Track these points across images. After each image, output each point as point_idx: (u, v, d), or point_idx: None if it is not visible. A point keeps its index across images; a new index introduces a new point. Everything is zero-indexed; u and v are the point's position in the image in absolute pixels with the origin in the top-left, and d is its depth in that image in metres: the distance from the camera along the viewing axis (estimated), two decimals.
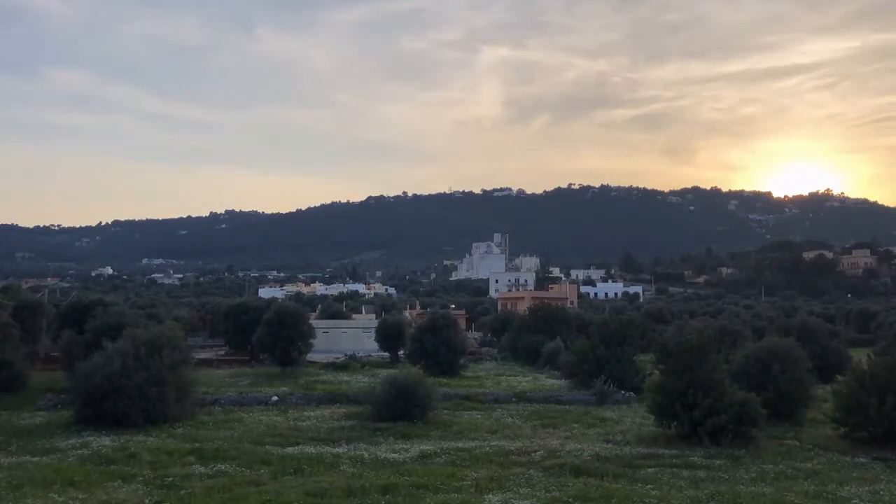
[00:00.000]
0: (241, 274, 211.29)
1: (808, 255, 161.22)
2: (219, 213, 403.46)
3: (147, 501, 11.31)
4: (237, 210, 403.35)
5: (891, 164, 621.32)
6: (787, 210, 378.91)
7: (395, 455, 15.19)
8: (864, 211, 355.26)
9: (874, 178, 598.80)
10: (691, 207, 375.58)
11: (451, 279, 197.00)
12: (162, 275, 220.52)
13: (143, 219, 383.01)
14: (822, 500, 12.10)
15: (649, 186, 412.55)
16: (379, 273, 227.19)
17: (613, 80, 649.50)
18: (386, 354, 43.71)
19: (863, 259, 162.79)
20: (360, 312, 79.06)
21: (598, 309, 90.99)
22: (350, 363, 39.06)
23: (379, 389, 20.54)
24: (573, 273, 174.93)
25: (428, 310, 59.95)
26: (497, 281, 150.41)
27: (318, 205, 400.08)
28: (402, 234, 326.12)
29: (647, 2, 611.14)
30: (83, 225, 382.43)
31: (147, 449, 15.26)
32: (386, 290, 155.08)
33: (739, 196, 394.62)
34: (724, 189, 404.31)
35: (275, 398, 24.05)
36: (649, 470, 14.13)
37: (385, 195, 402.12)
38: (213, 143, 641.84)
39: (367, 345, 47.64)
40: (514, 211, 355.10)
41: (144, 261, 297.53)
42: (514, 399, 25.43)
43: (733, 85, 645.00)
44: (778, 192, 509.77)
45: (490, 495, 11.76)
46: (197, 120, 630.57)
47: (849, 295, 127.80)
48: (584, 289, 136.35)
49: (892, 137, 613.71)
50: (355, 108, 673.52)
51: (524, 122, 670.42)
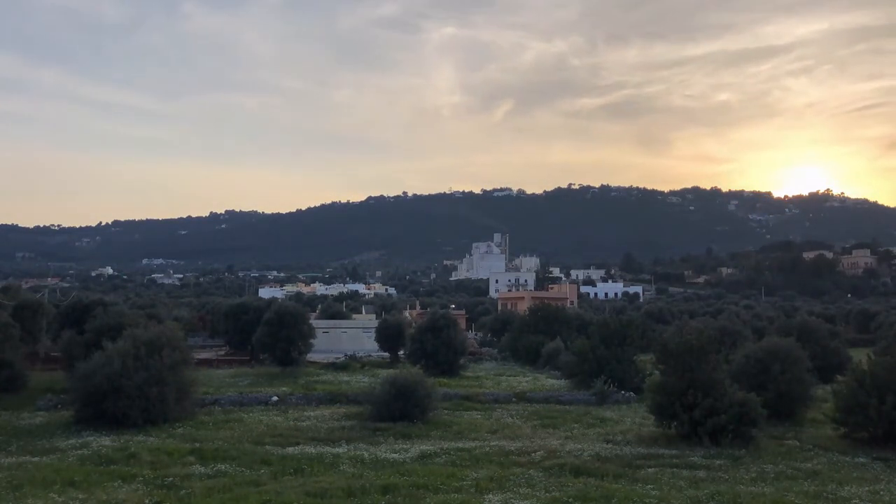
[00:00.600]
0: (241, 274, 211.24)
1: (808, 255, 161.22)
2: (219, 213, 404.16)
3: (147, 501, 11.31)
4: (237, 210, 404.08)
5: (877, 156, 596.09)
6: (787, 210, 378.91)
7: (395, 455, 15.19)
8: (864, 211, 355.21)
9: (860, 173, 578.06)
10: (691, 207, 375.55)
11: (451, 279, 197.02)
12: (162, 275, 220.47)
13: (143, 219, 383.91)
14: (823, 500, 12.10)
15: (648, 186, 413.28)
16: (379, 273, 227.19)
17: (573, 64, 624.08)
18: (386, 354, 43.70)
19: (863, 259, 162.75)
20: (360, 312, 79.09)
21: (598, 309, 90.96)
22: (350, 363, 39.05)
23: (379, 389, 20.54)
24: (573, 273, 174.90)
25: (428, 310, 59.90)
26: (497, 281, 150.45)
27: (318, 205, 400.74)
28: (402, 234, 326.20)
29: None
30: (83, 225, 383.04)
31: (147, 449, 15.26)
32: (386, 290, 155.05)
33: (739, 196, 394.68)
34: (725, 189, 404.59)
35: (275, 398, 24.05)
36: (649, 470, 14.13)
37: (385, 195, 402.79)
38: (154, 132, 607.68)
39: (367, 345, 47.63)
40: (514, 211, 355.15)
41: (144, 261, 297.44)
42: (514, 399, 25.43)
43: (703, 69, 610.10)
44: (778, 192, 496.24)
45: (490, 495, 11.76)
46: (130, 106, 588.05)
47: (849, 295, 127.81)
48: (584, 289, 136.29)
49: (877, 128, 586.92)
50: (305, 94, 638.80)
51: (487, 111, 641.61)
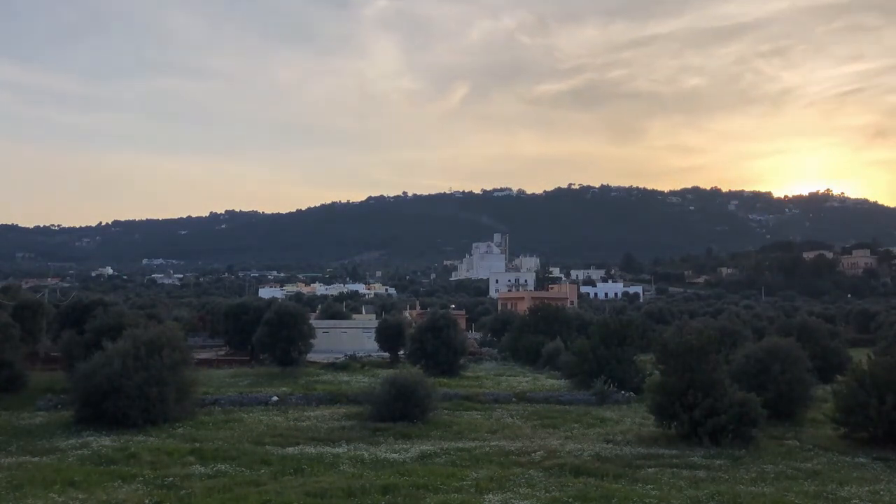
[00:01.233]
0: (241, 274, 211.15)
1: (808, 256, 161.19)
2: (219, 213, 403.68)
3: (147, 501, 11.30)
4: (237, 210, 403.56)
5: (860, 147, 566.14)
6: (787, 210, 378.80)
7: (395, 455, 15.20)
8: (864, 211, 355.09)
9: (844, 166, 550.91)
10: (691, 207, 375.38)
11: (451, 279, 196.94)
12: (162, 275, 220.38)
13: (143, 219, 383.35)
14: (823, 500, 12.10)
15: (649, 186, 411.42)
16: (379, 273, 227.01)
17: (524, 43, 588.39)
18: (386, 354, 43.71)
19: (863, 259, 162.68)
20: (360, 312, 79.11)
21: (598, 309, 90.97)
22: (350, 363, 39.05)
23: (379, 389, 20.55)
24: (573, 273, 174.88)
25: (428, 310, 59.92)
26: (497, 281, 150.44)
27: (318, 205, 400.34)
28: (402, 234, 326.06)
29: None
30: (83, 225, 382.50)
31: (147, 449, 15.26)
32: (386, 290, 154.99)
33: (739, 196, 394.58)
34: (725, 189, 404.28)
35: (275, 398, 24.05)
36: (649, 470, 14.14)
37: (385, 195, 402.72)
38: (88, 121, 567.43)
39: (367, 345, 47.64)
40: (514, 211, 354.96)
41: (144, 261, 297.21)
42: (514, 399, 25.43)
43: (667, 50, 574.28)
44: (778, 192, 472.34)
45: (490, 495, 11.76)
46: (48, 89, 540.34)
47: (849, 295, 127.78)
48: (584, 289, 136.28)
49: (861, 116, 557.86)
50: (246, 78, 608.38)
51: (441, 96, 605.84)
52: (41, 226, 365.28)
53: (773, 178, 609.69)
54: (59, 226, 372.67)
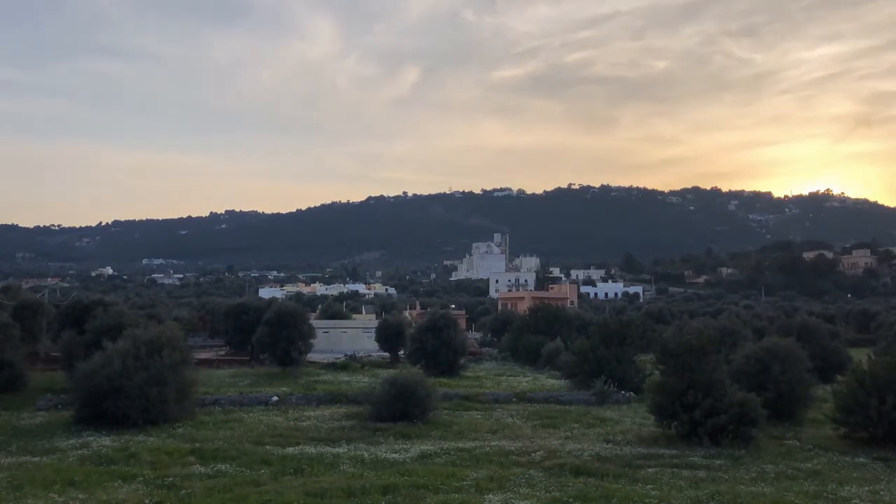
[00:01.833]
0: (241, 274, 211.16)
1: (808, 256, 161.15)
2: (219, 213, 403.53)
3: (147, 501, 11.30)
4: (237, 210, 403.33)
5: (840, 138, 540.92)
6: (787, 210, 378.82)
7: (395, 455, 15.19)
8: (864, 211, 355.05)
9: (823, 160, 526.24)
10: (691, 207, 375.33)
11: (451, 279, 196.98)
12: (162, 275, 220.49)
13: (143, 219, 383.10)
14: (823, 500, 12.10)
15: (649, 186, 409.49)
16: (379, 273, 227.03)
17: (470, 22, 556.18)
18: (386, 354, 43.71)
19: (863, 259, 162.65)
20: (361, 312, 79.18)
21: (599, 309, 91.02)
22: (350, 363, 39.04)
23: (379, 389, 20.54)
24: (573, 273, 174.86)
25: (428, 310, 59.90)
26: (497, 281, 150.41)
27: (318, 205, 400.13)
28: (402, 234, 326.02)
29: None
30: (83, 225, 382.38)
31: (147, 449, 15.26)
32: (386, 290, 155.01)
33: (739, 196, 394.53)
34: (725, 189, 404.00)
35: (275, 398, 24.05)
36: (649, 470, 14.14)
37: (385, 195, 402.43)
38: (20, 107, 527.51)
39: (368, 345, 47.64)
40: (514, 211, 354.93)
41: (144, 261, 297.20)
42: (514, 399, 25.42)
43: (627, 30, 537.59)
44: (778, 192, 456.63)
45: (490, 495, 11.76)
46: None
47: (849, 295, 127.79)
48: (584, 289, 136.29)
49: (841, 104, 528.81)
50: (181, 61, 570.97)
51: (390, 81, 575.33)
52: (41, 226, 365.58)
53: (750, 172, 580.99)
54: (59, 226, 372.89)
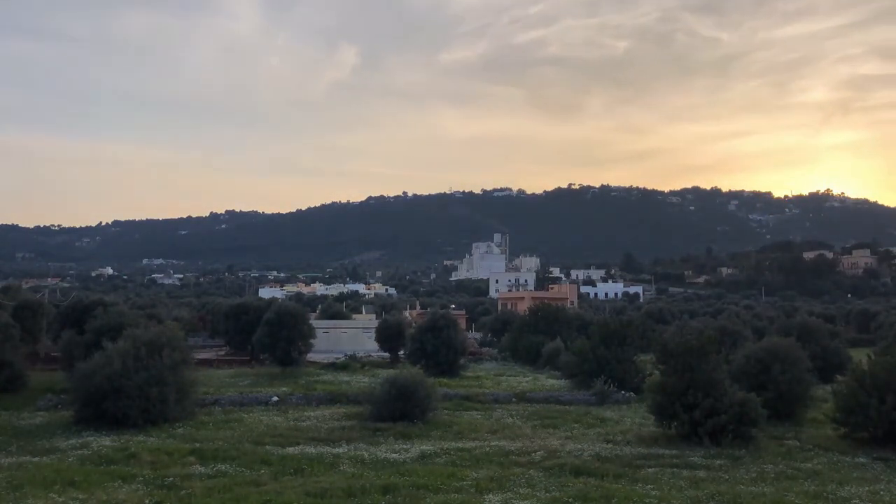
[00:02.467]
0: (241, 274, 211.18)
1: (808, 256, 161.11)
2: (219, 213, 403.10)
3: (147, 501, 11.30)
4: (237, 210, 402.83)
5: (818, 127, 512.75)
6: (787, 210, 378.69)
7: (395, 455, 15.19)
8: (864, 211, 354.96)
9: (799, 152, 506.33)
10: (691, 207, 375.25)
11: (451, 279, 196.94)
12: (162, 275, 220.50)
13: (143, 219, 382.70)
14: (823, 500, 12.10)
15: (648, 186, 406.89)
16: (379, 273, 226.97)
17: None
18: (386, 355, 43.70)
19: (863, 259, 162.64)
20: (361, 313, 79.17)
21: (599, 309, 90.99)
22: (350, 363, 39.04)
23: (379, 390, 20.54)
24: (573, 273, 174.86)
25: (428, 310, 59.90)
26: (497, 281, 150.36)
27: (318, 205, 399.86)
28: (402, 234, 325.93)
29: None
30: (83, 225, 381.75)
31: (147, 449, 15.25)
32: (386, 290, 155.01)
33: (739, 196, 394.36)
34: (725, 189, 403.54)
35: (275, 398, 24.05)
36: (649, 470, 14.14)
37: (385, 195, 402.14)
38: None
39: (368, 345, 47.63)
40: (514, 211, 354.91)
41: (144, 261, 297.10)
42: (514, 399, 25.42)
43: (575, 4, 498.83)
44: (778, 192, 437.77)
45: (490, 495, 11.76)
46: None
47: (849, 295, 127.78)
48: (584, 289, 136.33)
49: (818, 90, 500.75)
50: (96, 39, 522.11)
51: (328, 63, 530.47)
52: (41, 226, 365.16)
53: (729, 166, 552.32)
54: (59, 226, 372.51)
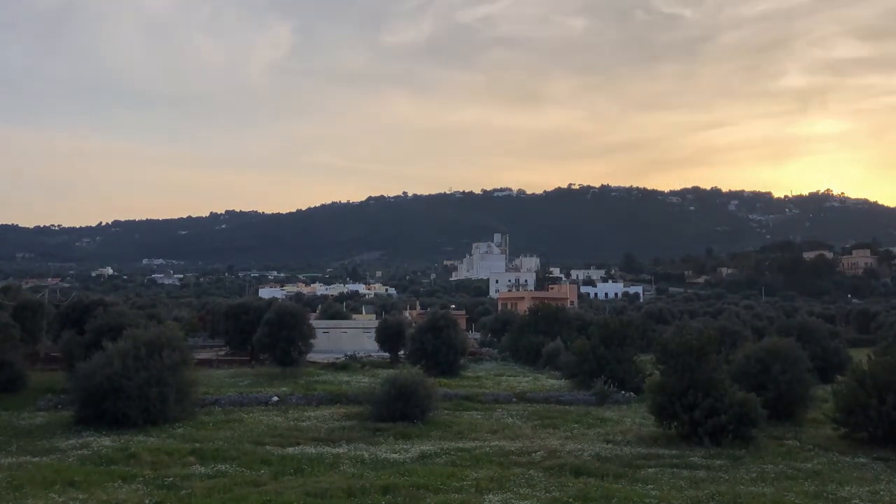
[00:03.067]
0: (241, 274, 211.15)
1: (809, 256, 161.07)
2: (219, 213, 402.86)
3: (147, 501, 11.31)
4: (237, 210, 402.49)
5: (791, 120, 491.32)
6: (787, 210, 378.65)
7: (395, 455, 15.20)
8: (864, 211, 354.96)
9: (773, 141, 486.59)
10: (691, 207, 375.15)
11: (451, 279, 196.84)
12: (162, 275, 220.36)
13: (144, 219, 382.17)
14: (823, 500, 12.10)
15: (648, 186, 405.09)
16: (379, 273, 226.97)
17: None
18: (386, 355, 43.68)
19: (863, 259, 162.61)
20: (361, 313, 79.27)
21: (599, 309, 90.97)
22: (350, 363, 39.04)
23: (379, 390, 20.55)
24: (573, 273, 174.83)
25: (428, 310, 59.91)
26: (497, 281, 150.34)
27: (318, 205, 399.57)
28: (402, 234, 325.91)
29: None
30: (83, 225, 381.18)
31: (147, 449, 15.25)
32: (386, 290, 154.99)
33: (739, 196, 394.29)
34: (725, 189, 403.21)
35: (275, 398, 24.06)
36: (649, 470, 14.14)
37: (385, 195, 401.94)
38: None
39: (368, 345, 47.62)
40: (514, 211, 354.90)
41: (144, 261, 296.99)
42: (514, 399, 25.43)
43: None
44: (778, 193, 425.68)
45: (490, 495, 11.76)
46: None
47: (849, 295, 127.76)
48: (584, 289, 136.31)
49: (791, 76, 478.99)
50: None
51: (261, 40, 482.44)
52: (41, 226, 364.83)
53: (703, 160, 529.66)
54: (59, 226, 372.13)
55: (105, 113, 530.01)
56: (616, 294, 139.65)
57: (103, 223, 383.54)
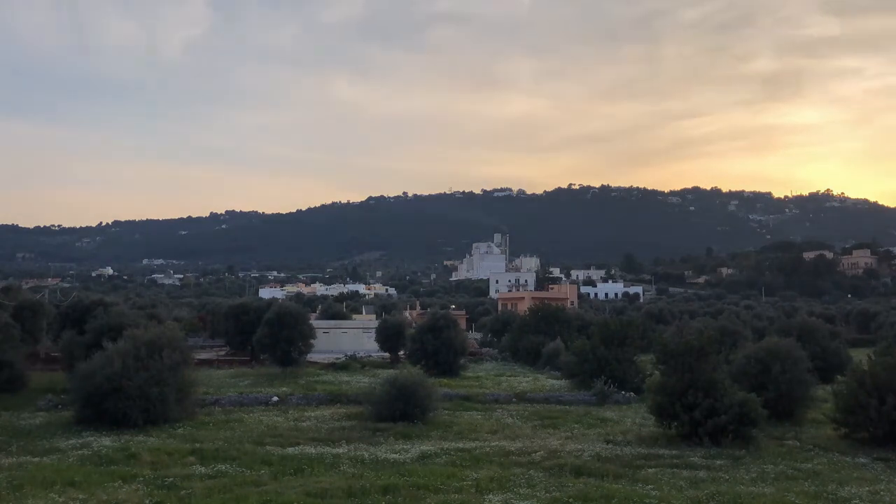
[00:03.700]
0: (241, 274, 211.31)
1: (809, 256, 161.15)
2: (219, 213, 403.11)
3: (147, 502, 11.31)
4: (237, 210, 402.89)
5: (758, 103, 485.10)
6: (787, 210, 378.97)
7: (395, 455, 15.19)
8: (864, 211, 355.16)
9: (742, 129, 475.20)
10: (691, 207, 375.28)
11: (451, 279, 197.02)
12: (162, 275, 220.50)
13: (144, 219, 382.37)
14: (823, 500, 12.10)
15: (649, 186, 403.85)
16: (379, 273, 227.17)
17: None
18: (386, 355, 43.68)
19: (863, 259, 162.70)
20: (361, 313, 79.22)
21: (599, 309, 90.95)
22: (350, 363, 39.06)
23: (379, 390, 20.55)
24: (573, 273, 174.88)
25: (428, 310, 59.90)
26: (497, 281, 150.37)
27: (318, 205, 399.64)
28: (402, 234, 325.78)
29: None
30: (83, 225, 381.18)
31: (147, 449, 15.26)
32: (386, 290, 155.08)
33: (739, 196, 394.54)
34: (725, 189, 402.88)
35: (275, 399, 24.07)
36: (650, 470, 14.14)
37: (385, 195, 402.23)
38: None
39: (368, 345, 47.62)
40: (514, 211, 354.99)
41: (145, 261, 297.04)
42: (514, 399, 25.43)
43: None
44: (778, 193, 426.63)
45: (490, 496, 11.76)
46: None
47: (849, 295, 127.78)
48: (584, 289, 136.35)
49: (760, 60, 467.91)
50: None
51: (173, 14, 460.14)
52: (41, 226, 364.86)
53: (678, 152, 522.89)
54: (59, 226, 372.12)
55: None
56: (616, 294, 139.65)
57: (103, 223, 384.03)
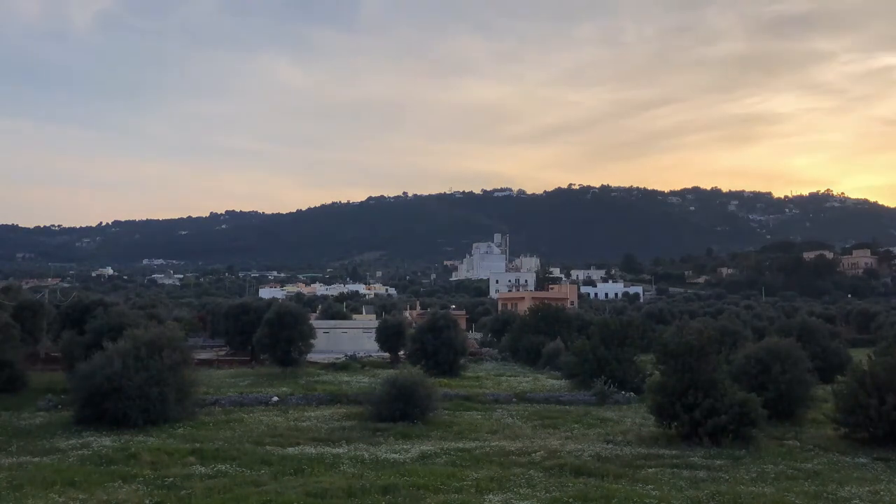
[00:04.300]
0: (241, 274, 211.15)
1: (809, 256, 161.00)
2: (219, 213, 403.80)
3: (147, 502, 11.31)
4: (237, 210, 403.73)
5: (730, 85, 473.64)
6: (787, 210, 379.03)
7: (395, 455, 15.19)
8: (864, 211, 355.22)
9: (715, 115, 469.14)
10: (691, 207, 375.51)
11: (451, 279, 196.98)
12: (162, 275, 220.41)
13: (144, 219, 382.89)
14: (823, 500, 12.10)
15: (649, 186, 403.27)
16: (379, 273, 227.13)
17: None
18: (386, 355, 43.68)
19: (863, 259, 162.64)
20: (361, 313, 79.26)
21: (599, 309, 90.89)
22: (350, 364, 39.06)
23: (379, 390, 20.57)
24: (573, 273, 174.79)
25: (428, 310, 59.92)
26: (497, 281, 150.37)
27: (318, 205, 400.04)
28: (402, 234, 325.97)
29: None
30: (83, 225, 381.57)
31: (147, 449, 15.25)
32: (386, 290, 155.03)
33: (740, 196, 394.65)
34: (725, 189, 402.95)
35: (275, 399, 24.07)
36: (650, 470, 14.14)
37: (385, 195, 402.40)
38: None
39: (368, 345, 47.62)
40: (514, 211, 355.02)
41: (145, 261, 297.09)
42: (514, 399, 25.44)
43: None
44: (778, 193, 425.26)
45: (490, 495, 11.77)
46: None
47: (849, 295, 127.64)
48: (584, 289, 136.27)
49: (727, 43, 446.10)
50: None
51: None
52: (41, 226, 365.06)
53: (652, 146, 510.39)
54: (59, 226, 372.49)
55: None
56: (616, 294, 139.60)
57: (103, 223, 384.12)
